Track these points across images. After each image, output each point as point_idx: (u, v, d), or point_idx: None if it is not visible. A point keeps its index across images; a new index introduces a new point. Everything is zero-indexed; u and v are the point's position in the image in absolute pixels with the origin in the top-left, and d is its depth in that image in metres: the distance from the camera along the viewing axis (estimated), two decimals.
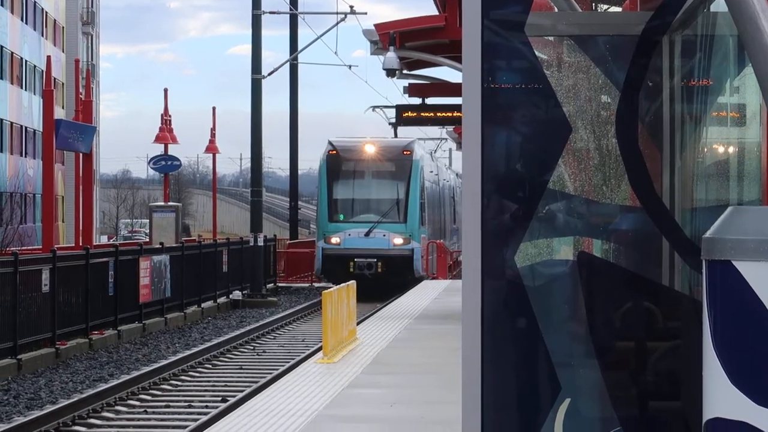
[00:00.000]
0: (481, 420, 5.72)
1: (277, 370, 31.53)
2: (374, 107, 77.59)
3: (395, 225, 61.78)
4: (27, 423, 23.62)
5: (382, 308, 44.65)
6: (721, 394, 4.56)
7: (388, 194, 63.01)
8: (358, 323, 30.46)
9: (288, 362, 33.10)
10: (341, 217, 62.21)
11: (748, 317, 4.52)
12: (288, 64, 68.05)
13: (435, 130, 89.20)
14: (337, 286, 28.63)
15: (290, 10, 65.06)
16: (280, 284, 68.87)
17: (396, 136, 70.86)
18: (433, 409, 17.36)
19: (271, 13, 63.01)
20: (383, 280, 60.52)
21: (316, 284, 67.95)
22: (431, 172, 70.63)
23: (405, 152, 63.15)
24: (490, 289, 5.74)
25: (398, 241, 61.46)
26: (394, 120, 68.28)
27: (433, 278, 65.65)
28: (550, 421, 6.26)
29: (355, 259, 60.94)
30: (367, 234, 61.04)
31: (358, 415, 17.69)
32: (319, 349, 25.76)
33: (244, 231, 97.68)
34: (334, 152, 62.86)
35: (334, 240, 61.44)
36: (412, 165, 62.51)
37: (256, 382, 29.40)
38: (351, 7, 60.05)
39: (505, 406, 5.94)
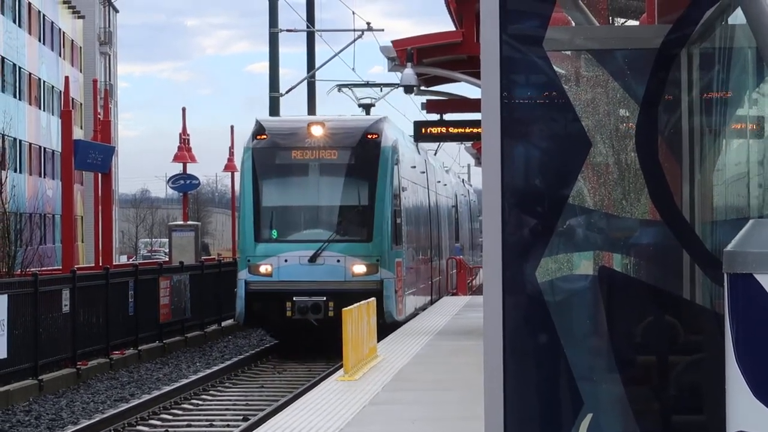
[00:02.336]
0: (504, 429, 5.72)
1: (297, 388, 31.54)
2: (340, 86, 60.23)
3: (356, 245, 39.39)
4: None
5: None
6: (744, 408, 4.56)
7: (344, 199, 40.11)
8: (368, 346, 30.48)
9: (309, 380, 33.12)
10: (273, 234, 39.72)
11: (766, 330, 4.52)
12: (306, 82, 67.46)
13: (453, 146, 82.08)
14: (357, 304, 28.21)
15: (307, 27, 63.82)
16: None
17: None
18: (455, 425, 17.34)
19: (288, 31, 61.65)
20: (337, 329, 30.80)
21: None
22: (414, 167, 46.96)
23: (370, 136, 39.92)
24: (511, 304, 5.74)
25: (360, 269, 38.95)
26: (366, 101, 56.33)
27: (453, 294, 57.25)
28: None
29: (294, 298, 38.74)
30: (312, 259, 38.77)
31: (382, 430, 17.67)
32: (340, 366, 25.74)
33: None
34: (264, 137, 40.35)
35: (264, 269, 39.14)
36: (381, 154, 39.61)
37: (277, 400, 29.46)
38: (368, 23, 59.98)
39: (527, 422, 5.94)
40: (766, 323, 4.52)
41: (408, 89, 34.70)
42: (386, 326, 37.32)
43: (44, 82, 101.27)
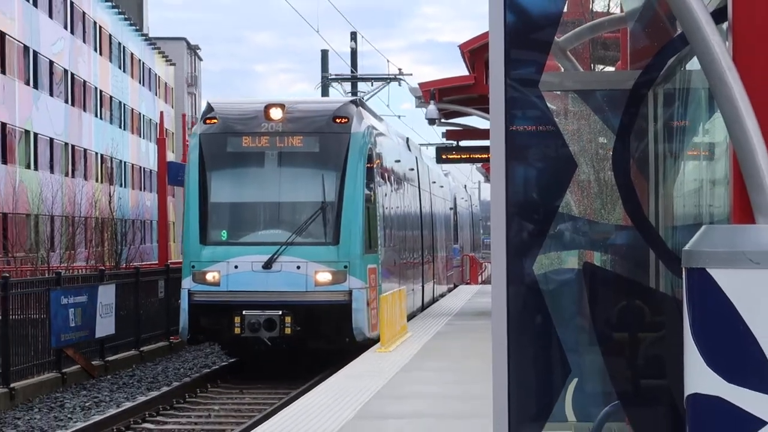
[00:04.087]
0: (508, 395, 5.72)
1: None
2: (330, 80, 49.26)
3: (319, 249, 26.76)
4: (149, 400, 23.69)
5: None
6: (699, 374, 4.55)
7: (306, 194, 27.38)
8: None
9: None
10: (223, 235, 27.25)
11: (720, 313, 4.51)
12: None
13: (467, 166, 77.70)
14: (389, 292, 26.94)
15: (352, 73, 63.99)
16: None
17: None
18: (470, 386, 17.32)
19: (336, 76, 61.67)
20: (297, 347, 26.72)
21: None
22: (399, 162, 33.65)
23: (338, 120, 27.69)
24: (513, 292, 5.74)
25: (324, 277, 26.64)
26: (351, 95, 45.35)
27: (467, 284, 55.25)
28: (562, 396, 6.26)
29: (244, 312, 26.42)
30: (267, 265, 26.40)
31: (410, 392, 17.65)
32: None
33: None
34: (214, 121, 27.85)
35: (210, 277, 26.83)
36: (351, 142, 27.26)
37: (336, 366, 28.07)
38: (399, 69, 59.78)
39: (526, 384, 5.93)
40: (716, 307, 4.52)
41: (431, 121, 34.69)
42: (353, 346, 25.23)
43: (143, 115, 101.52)
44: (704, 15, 4.69)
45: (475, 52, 29.28)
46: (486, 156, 36.64)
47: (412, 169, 36.93)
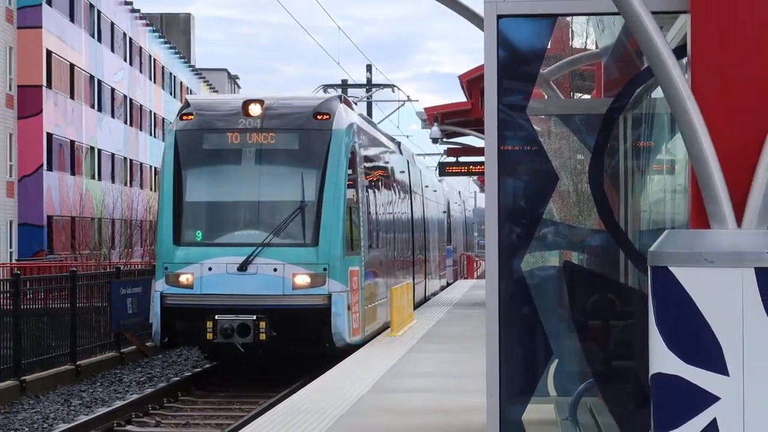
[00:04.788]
0: (499, 373, 5.71)
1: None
2: (326, 86, 43.43)
3: (298, 250, 21.45)
4: (193, 375, 23.57)
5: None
6: (661, 357, 4.54)
7: (284, 193, 22.14)
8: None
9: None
10: (197, 236, 22.01)
11: (679, 305, 4.51)
12: None
13: (465, 179, 75.59)
14: (398, 285, 26.12)
15: (367, 98, 63.92)
16: None
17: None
18: (467, 365, 17.31)
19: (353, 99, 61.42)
20: (274, 353, 21.74)
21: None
22: (387, 163, 28.73)
23: (319, 117, 22.45)
24: (504, 286, 5.74)
25: (302, 280, 21.27)
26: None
27: (465, 279, 53.84)
28: (545, 374, 6.25)
29: (216, 317, 21.02)
30: (242, 267, 21.16)
31: (416, 370, 17.64)
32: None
33: None
34: (190, 117, 22.72)
35: (183, 279, 21.44)
36: (332, 139, 22.09)
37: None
38: (408, 96, 59.65)
39: (515, 364, 5.93)
40: (676, 300, 4.51)
41: (434, 140, 34.75)
42: (334, 351, 20.41)
43: None
44: (667, 51, 4.69)
45: (472, 82, 29.25)
46: (481, 170, 36.62)
47: (403, 172, 31.41)
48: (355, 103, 29.42)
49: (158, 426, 18.40)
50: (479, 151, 36.86)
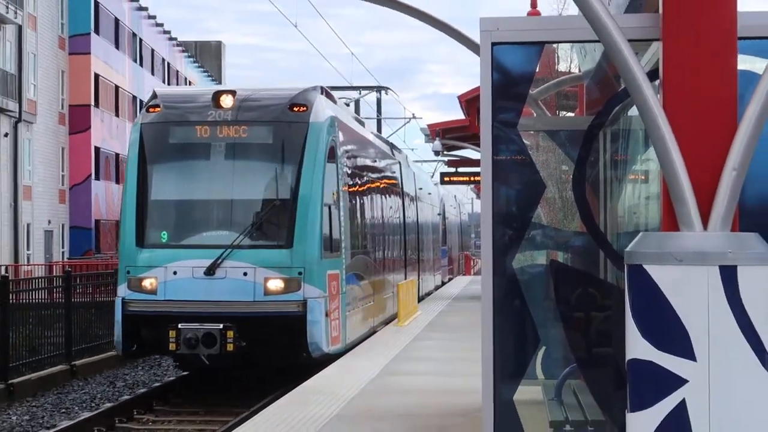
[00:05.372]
0: (493, 358, 5.70)
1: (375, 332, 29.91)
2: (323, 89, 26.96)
3: (270, 253, 16.54)
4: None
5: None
6: (636, 344, 4.54)
7: (256, 190, 17.15)
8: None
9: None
10: (162, 237, 16.93)
11: (652, 298, 4.50)
12: None
13: (463, 187, 73.35)
14: (405, 281, 25.74)
15: (377, 116, 63.67)
16: None
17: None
18: (466, 352, 17.28)
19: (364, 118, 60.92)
20: (243, 366, 16.82)
21: None
22: (375, 161, 24.31)
23: (296, 108, 17.19)
24: (498, 281, 5.73)
25: (275, 285, 16.39)
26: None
27: (463, 275, 52.62)
28: (534, 359, 6.25)
29: (180, 326, 16.09)
30: (209, 271, 16.31)
31: (420, 356, 17.61)
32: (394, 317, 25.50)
33: None
34: (157, 109, 17.58)
35: (147, 283, 16.59)
36: (310, 132, 16.99)
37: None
38: (413, 114, 59.73)
39: (507, 350, 5.92)
40: (649, 294, 4.51)
41: (436, 153, 34.79)
42: (310, 362, 16.45)
43: None
44: (642, 75, 4.69)
45: (469, 101, 29.23)
46: (477, 179, 36.60)
47: (394, 172, 26.85)
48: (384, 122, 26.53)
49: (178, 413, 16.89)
50: (476, 163, 36.81)
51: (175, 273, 16.58)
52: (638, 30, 5.14)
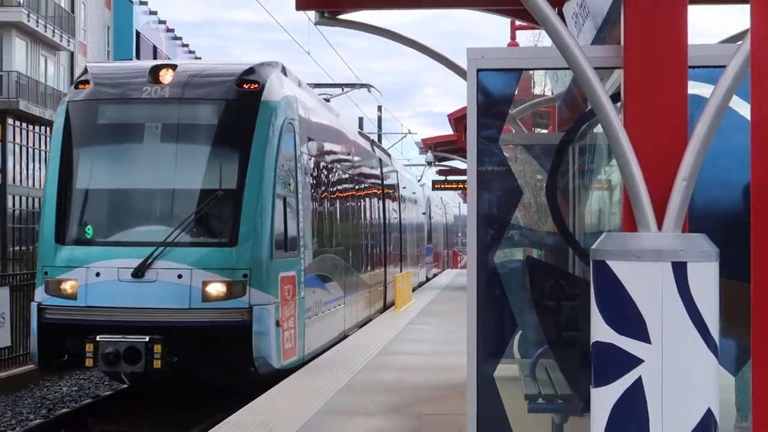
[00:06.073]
0: (477, 339, 5.71)
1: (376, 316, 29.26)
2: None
3: (210, 252, 11.36)
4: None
5: None
6: (599, 329, 4.54)
7: (196, 179, 11.66)
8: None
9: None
10: (87, 233, 11.41)
11: (613, 289, 4.50)
12: None
13: (452, 193, 70.65)
14: (401, 273, 25.50)
15: (378, 132, 63.48)
16: None
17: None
18: (453, 334, 17.28)
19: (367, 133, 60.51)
20: (177, 380, 11.60)
21: None
22: (350, 155, 17.79)
23: (246, 85, 11.77)
24: (482, 274, 5.74)
25: (216, 289, 11.25)
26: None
27: (452, 268, 51.78)
28: (512, 341, 6.24)
29: (99, 338, 11.04)
30: (137, 273, 11.14)
31: (414, 337, 17.61)
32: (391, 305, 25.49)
33: None
34: (86, 86, 12.06)
35: (66, 286, 11.34)
36: (261, 113, 11.70)
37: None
38: (409, 129, 59.84)
39: (488, 332, 5.92)
40: (611, 286, 4.51)
41: (429, 163, 34.87)
42: (258, 378, 12.05)
43: None
44: (606, 98, 4.70)
45: (457, 119, 29.25)
46: (464, 186, 36.64)
47: (374, 168, 21.71)
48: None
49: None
50: (462, 172, 36.84)
51: (98, 275, 12.05)
52: (603, 59, 5.16)
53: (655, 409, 4.41)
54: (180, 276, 11.81)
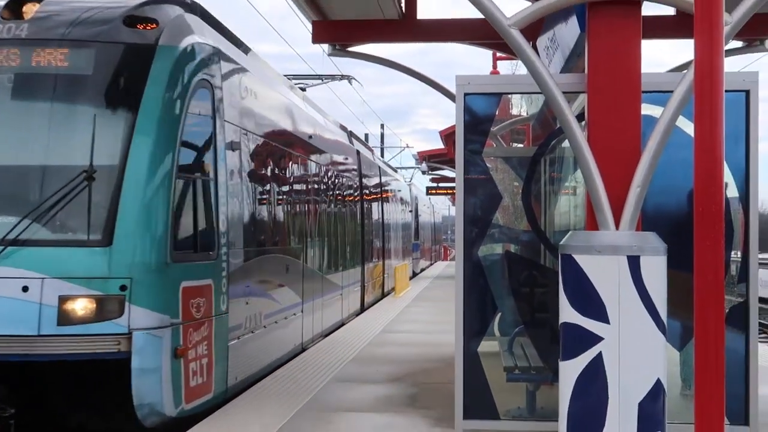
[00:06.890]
0: (463, 320, 5.71)
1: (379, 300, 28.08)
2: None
3: (71, 253, 4.37)
4: None
5: None
6: (567, 311, 4.54)
7: (56, 151, 4.54)
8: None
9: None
10: None
11: (579, 279, 4.50)
12: None
13: (443, 197, 64.36)
14: (399, 264, 25.02)
15: (381, 146, 62.80)
16: None
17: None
18: (445, 316, 17.25)
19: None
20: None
21: None
22: (312, 138, 9.38)
23: (138, 25, 4.63)
24: (468, 265, 5.74)
25: (79, 307, 4.33)
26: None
27: (443, 260, 49.81)
28: (492, 322, 6.24)
29: None
30: None
31: (411, 318, 17.58)
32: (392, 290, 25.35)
33: None
34: None
35: None
36: (156, 62, 4.62)
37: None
38: (406, 144, 59.65)
39: (473, 314, 5.91)
40: (576, 276, 4.51)
41: (423, 173, 34.86)
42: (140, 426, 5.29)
43: None
44: (572, 118, 4.71)
45: (447, 135, 29.20)
46: (452, 192, 36.63)
47: (348, 159, 14.96)
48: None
49: None
50: (452, 180, 36.83)
51: None
52: (570, 85, 5.16)
53: (613, 379, 4.41)
54: (25, 289, 6.05)
